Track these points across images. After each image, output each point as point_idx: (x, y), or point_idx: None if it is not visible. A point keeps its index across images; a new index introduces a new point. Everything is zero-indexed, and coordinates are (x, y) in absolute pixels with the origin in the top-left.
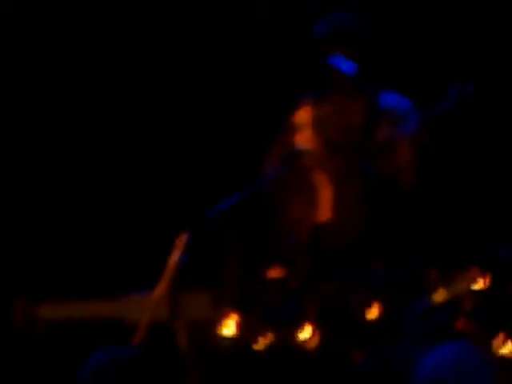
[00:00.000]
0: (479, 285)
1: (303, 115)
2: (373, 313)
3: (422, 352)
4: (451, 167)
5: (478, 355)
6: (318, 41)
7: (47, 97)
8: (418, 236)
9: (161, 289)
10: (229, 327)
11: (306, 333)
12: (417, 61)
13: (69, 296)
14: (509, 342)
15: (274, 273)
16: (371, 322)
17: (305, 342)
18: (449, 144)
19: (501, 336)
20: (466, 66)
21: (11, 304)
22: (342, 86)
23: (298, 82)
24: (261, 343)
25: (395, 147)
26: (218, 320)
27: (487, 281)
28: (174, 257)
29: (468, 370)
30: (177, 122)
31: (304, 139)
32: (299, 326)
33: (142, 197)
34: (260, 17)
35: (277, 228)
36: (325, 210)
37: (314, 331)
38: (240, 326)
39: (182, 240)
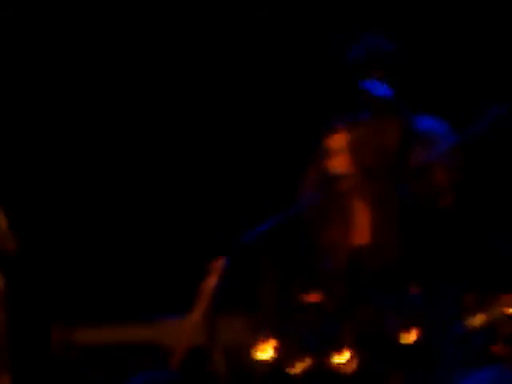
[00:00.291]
0: None
1: (338, 140)
2: (410, 337)
3: (459, 376)
4: (487, 189)
5: None
6: (352, 65)
7: (48, 97)
8: (455, 260)
9: (197, 313)
10: (265, 352)
11: (343, 357)
12: (453, 83)
13: (106, 321)
14: None
15: (311, 297)
16: (408, 347)
17: (342, 366)
18: (485, 166)
19: None
20: (503, 88)
21: (49, 329)
22: (377, 109)
23: (333, 106)
24: (298, 367)
25: (431, 170)
26: (254, 344)
27: None
28: (211, 281)
29: None
30: (211, 147)
31: (339, 164)
32: (336, 350)
33: (179, 221)
34: (292, 40)
35: (314, 252)
36: (362, 235)
37: (351, 355)
38: (277, 351)
39: (218, 265)
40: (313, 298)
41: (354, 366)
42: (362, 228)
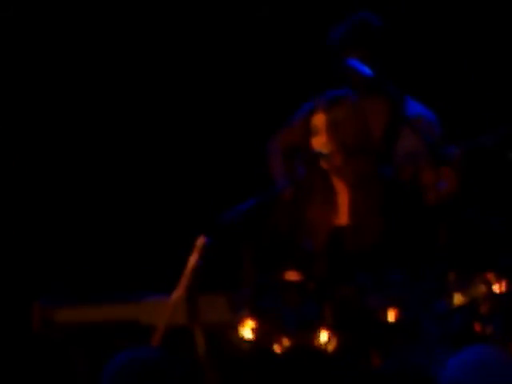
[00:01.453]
0: (496, 289)
1: (319, 118)
2: (390, 316)
3: (439, 355)
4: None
5: (501, 357)
6: (339, 41)
7: (48, 97)
8: (436, 239)
9: (179, 292)
10: (246, 331)
11: (323, 336)
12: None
13: (86, 300)
14: None
15: (291, 276)
16: (389, 325)
17: (323, 345)
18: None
19: None
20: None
21: (29, 308)
22: (362, 88)
23: (314, 85)
24: (278, 347)
25: (419, 165)
26: (234, 324)
27: (504, 285)
28: (192, 260)
29: (492, 372)
30: (193, 126)
31: (321, 143)
32: (317, 329)
33: (160, 200)
34: (278, 18)
35: (294, 231)
36: (342, 215)
37: (331, 334)
38: (257, 330)
39: (199, 243)
40: (293, 277)
41: (334, 345)
42: (342, 209)
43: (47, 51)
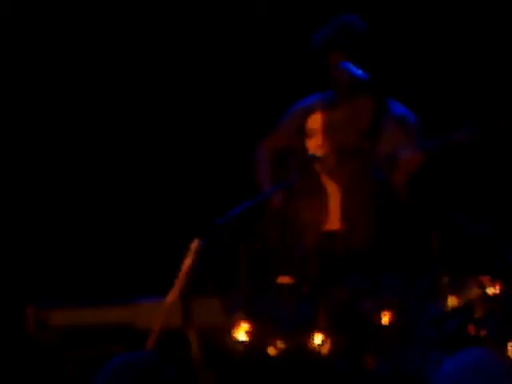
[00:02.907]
0: (490, 291)
1: (315, 120)
2: (384, 319)
3: (434, 358)
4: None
5: (496, 360)
6: (319, 44)
7: (47, 97)
8: (429, 242)
9: (173, 295)
10: (240, 334)
11: (318, 339)
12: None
13: (81, 302)
14: None
15: (285, 279)
16: (383, 328)
17: (317, 347)
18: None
19: None
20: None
21: (23, 311)
22: (354, 90)
23: (308, 88)
24: (272, 349)
25: (395, 165)
26: (229, 326)
27: (498, 287)
28: (186, 263)
29: (488, 375)
30: (189, 129)
31: (315, 145)
32: (311, 331)
33: (155, 204)
34: (268, 21)
35: (287, 234)
36: (334, 218)
37: (325, 337)
38: (251, 333)
39: (193, 247)
40: (287, 279)
41: (328, 347)
42: (334, 212)
43: (47, 51)
